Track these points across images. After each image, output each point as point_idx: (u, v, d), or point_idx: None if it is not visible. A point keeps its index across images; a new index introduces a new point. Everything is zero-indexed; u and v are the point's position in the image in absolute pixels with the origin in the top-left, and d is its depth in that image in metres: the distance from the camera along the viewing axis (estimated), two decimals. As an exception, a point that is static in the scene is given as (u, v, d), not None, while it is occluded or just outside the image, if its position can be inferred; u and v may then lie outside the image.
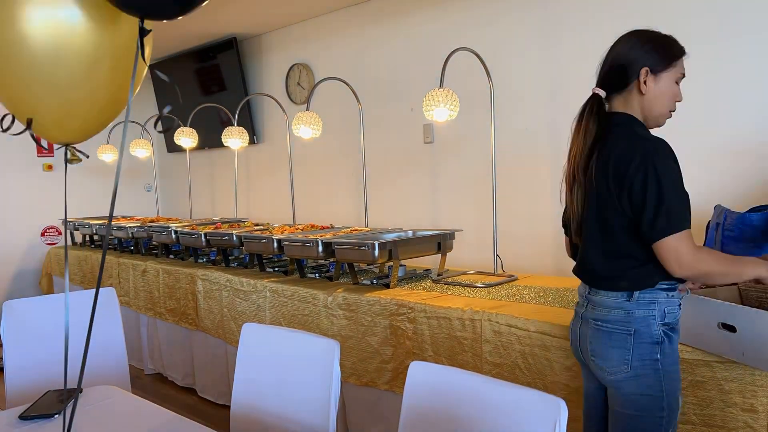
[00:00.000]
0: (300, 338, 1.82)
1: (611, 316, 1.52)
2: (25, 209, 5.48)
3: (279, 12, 4.53)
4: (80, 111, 1.37)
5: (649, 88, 1.56)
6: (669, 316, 1.50)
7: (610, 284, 1.53)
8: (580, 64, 3.23)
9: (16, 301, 2.31)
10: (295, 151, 4.42)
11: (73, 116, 1.38)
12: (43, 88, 1.31)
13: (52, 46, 1.27)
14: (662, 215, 1.43)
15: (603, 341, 1.53)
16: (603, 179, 1.52)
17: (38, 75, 1.29)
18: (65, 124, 1.39)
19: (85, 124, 1.41)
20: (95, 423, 1.69)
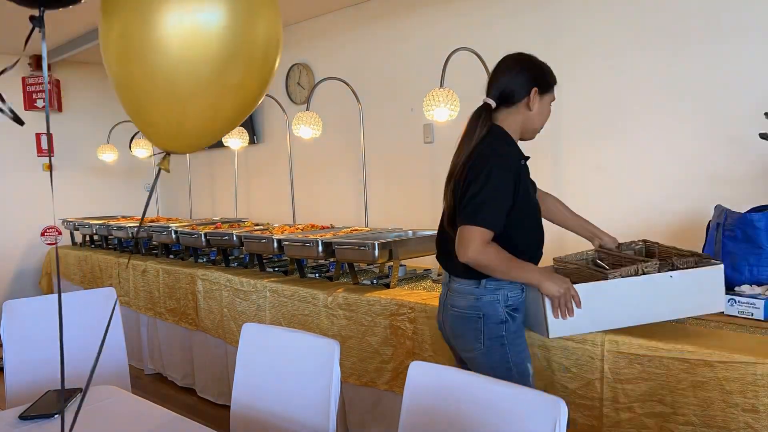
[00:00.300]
0: (300, 338, 1.82)
1: (464, 302, 1.78)
2: (25, 209, 5.47)
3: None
4: (199, 122, 1.30)
5: (535, 106, 1.80)
6: (512, 299, 1.76)
7: (466, 273, 1.76)
8: (579, 65, 3.23)
9: (16, 301, 2.31)
10: (295, 151, 4.42)
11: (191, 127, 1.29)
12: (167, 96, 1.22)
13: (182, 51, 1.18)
14: (472, 206, 1.68)
15: (459, 324, 1.80)
16: (461, 181, 1.75)
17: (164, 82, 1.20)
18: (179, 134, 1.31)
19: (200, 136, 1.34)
20: (95, 423, 1.69)
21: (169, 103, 1.24)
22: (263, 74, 1.32)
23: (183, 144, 1.35)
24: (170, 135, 1.31)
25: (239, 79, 1.26)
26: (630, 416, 1.78)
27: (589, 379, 1.87)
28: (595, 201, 3.24)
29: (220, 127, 1.36)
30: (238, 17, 1.21)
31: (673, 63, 2.90)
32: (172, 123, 1.28)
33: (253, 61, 1.27)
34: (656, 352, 1.73)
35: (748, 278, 1.99)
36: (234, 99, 1.30)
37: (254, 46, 1.26)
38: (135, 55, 1.20)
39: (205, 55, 1.19)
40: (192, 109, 1.26)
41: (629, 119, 3.07)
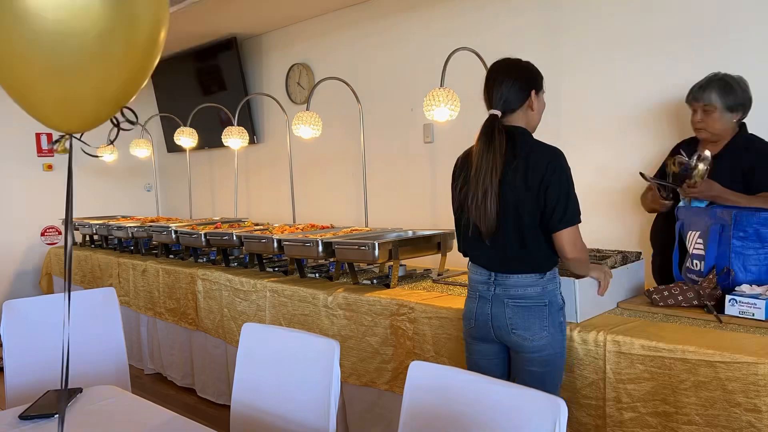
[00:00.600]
0: (300, 338, 1.82)
1: (531, 292, 1.84)
2: (25, 209, 5.47)
3: (279, 12, 4.53)
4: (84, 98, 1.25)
5: (536, 106, 1.92)
6: (560, 287, 1.91)
7: (526, 267, 1.85)
8: (579, 65, 3.23)
9: (16, 301, 2.31)
10: (295, 151, 4.42)
11: (76, 102, 1.25)
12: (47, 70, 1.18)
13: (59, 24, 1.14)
14: (567, 209, 1.78)
15: (524, 314, 1.84)
16: (522, 182, 1.81)
17: (42, 55, 1.16)
18: (67, 110, 1.26)
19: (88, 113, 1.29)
20: (95, 423, 1.69)
21: (52, 78, 1.20)
22: (149, 47, 1.29)
23: (75, 123, 1.30)
24: (59, 114, 1.27)
25: (123, 52, 1.23)
26: (633, 416, 1.78)
27: (592, 379, 1.87)
28: (595, 201, 3.24)
29: (110, 104, 1.31)
30: None
31: (673, 63, 2.90)
32: (58, 100, 1.24)
33: (135, 33, 1.24)
34: (658, 353, 1.73)
35: (755, 277, 1.99)
36: (121, 73, 1.26)
37: (136, 18, 1.23)
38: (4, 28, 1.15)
39: (83, 25, 1.16)
40: (77, 85, 1.22)
41: (629, 120, 3.07)
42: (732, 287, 1.98)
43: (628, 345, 1.79)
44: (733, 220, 2.01)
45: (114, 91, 1.29)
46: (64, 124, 1.29)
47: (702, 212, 2.17)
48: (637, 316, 2.03)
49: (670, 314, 1.99)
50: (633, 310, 2.09)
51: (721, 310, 1.93)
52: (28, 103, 1.27)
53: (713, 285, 2.00)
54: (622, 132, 3.12)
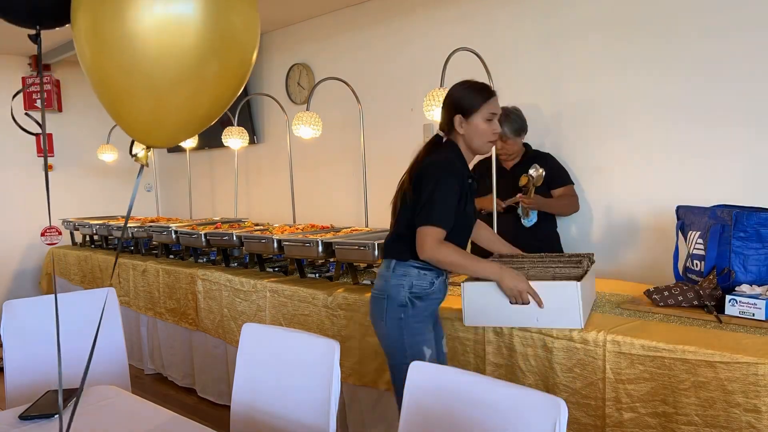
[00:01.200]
0: (300, 338, 1.82)
1: (378, 283, 2.04)
2: (25, 209, 5.47)
3: (279, 12, 4.52)
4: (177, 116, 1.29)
5: (464, 129, 2.03)
6: (416, 287, 1.98)
7: (386, 254, 2.05)
8: (579, 65, 3.23)
9: (16, 301, 2.31)
10: (295, 151, 4.42)
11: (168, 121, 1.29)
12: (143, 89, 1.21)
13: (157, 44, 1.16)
14: (428, 211, 1.91)
15: (372, 301, 2.05)
16: (414, 179, 2.01)
17: (139, 75, 1.19)
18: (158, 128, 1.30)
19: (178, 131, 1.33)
20: (95, 423, 1.69)
21: (146, 97, 1.23)
22: (240, 68, 1.32)
23: (162, 138, 1.34)
24: (149, 129, 1.31)
25: (216, 72, 1.26)
26: (633, 416, 1.78)
27: (591, 379, 1.87)
28: (596, 201, 3.24)
29: (198, 121, 1.35)
30: (212, 10, 1.20)
31: (673, 64, 2.90)
32: (150, 117, 1.27)
33: (229, 54, 1.27)
34: (658, 353, 1.73)
35: (755, 277, 1.99)
36: (211, 93, 1.29)
37: (230, 39, 1.26)
38: (107, 49, 1.19)
39: (180, 48, 1.18)
40: (169, 103, 1.25)
41: (630, 120, 3.07)
42: (732, 287, 1.98)
43: (628, 345, 1.79)
44: (733, 220, 2.01)
45: (203, 111, 1.33)
46: (151, 139, 1.33)
47: (702, 212, 2.18)
48: (637, 316, 2.02)
49: (670, 314, 1.99)
50: (633, 310, 2.08)
51: (721, 310, 1.93)
52: (122, 120, 1.31)
53: (713, 285, 2.00)
54: (622, 132, 3.12)
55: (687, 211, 2.27)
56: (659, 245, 2.95)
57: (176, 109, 1.28)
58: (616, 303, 2.19)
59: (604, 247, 3.21)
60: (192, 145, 4.63)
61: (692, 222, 2.21)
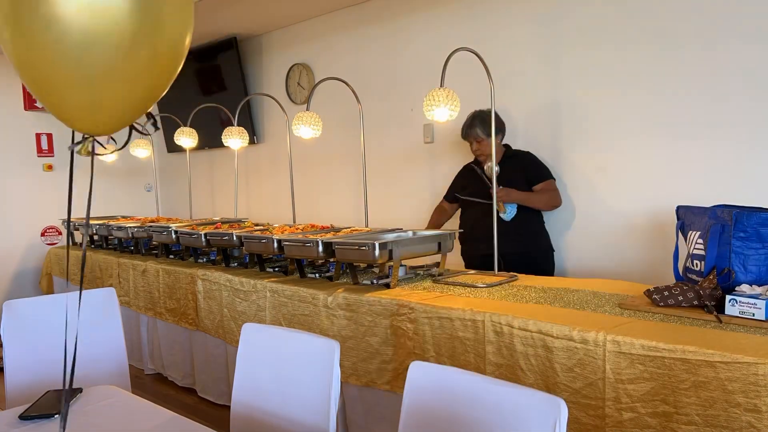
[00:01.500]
0: (300, 338, 1.82)
1: None
2: (25, 209, 5.47)
3: (279, 12, 4.53)
4: (111, 102, 1.26)
5: None
6: None
7: None
8: (579, 66, 3.23)
9: (16, 301, 2.31)
10: (295, 151, 4.42)
11: (103, 107, 1.26)
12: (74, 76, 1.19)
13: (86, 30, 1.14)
14: None
15: None
16: None
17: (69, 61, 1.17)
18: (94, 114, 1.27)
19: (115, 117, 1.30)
20: (95, 423, 1.69)
21: (77, 85, 1.21)
22: (174, 53, 1.31)
23: (101, 126, 1.31)
24: (85, 117, 1.29)
25: (148, 57, 1.24)
26: (633, 416, 1.78)
27: (591, 379, 1.87)
28: (596, 202, 3.24)
29: (135, 107, 1.33)
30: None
31: (674, 65, 2.90)
32: (85, 105, 1.25)
33: (161, 37, 1.25)
34: (658, 353, 1.73)
35: (755, 277, 1.99)
36: (146, 78, 1.28)
37: (160, 23, 1.24)
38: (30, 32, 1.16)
39: (109, 32, 1.17)
40: (103, 90, 1.23)
41: (630, 120, 3.07)
42: (732, 287, 1.98)
43: (628, 345, 1.79)
44: (733, 220, 2.01)
45: (139, 96, 1.30)
46: (89, 127, 1.30)
47: (702, 212, 2.18)
48: (637, 316, 2.02)
49: (670, 314, 1.99)
50: (633, 310, 2.08)
51: (721, 310, 1.93)
52: (55, 107, 1.28)
53: (713, 285, 2.00)
54: (623, 133, 3.12)
55: (687, 211, 2.27)
56: (659, 245, 2.95)
57: (112, 96, 1.26)
58: (616, 303, 2.19)
59: (604, 247, 3.21)
60: (192, 145, 4.63)
61: (692, 222, 2.21)
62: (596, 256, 3.25)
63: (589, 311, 2.11)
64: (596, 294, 2.36)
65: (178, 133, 4.59)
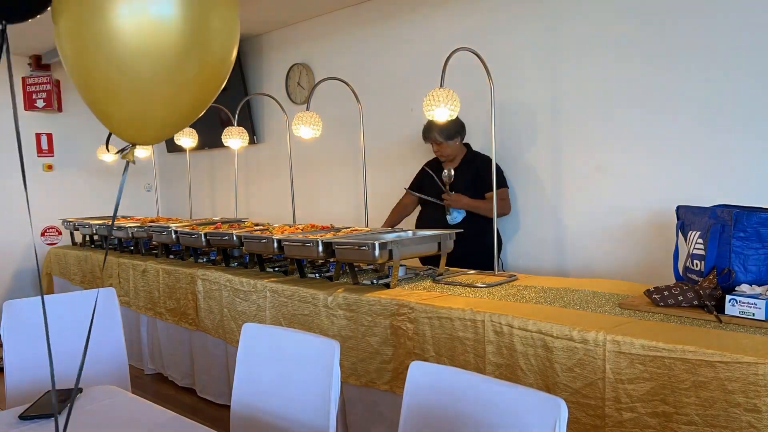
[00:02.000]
0: (300, 338, 1.82)
1: None
2: (25, 209, 5.47)
3: (279, 12, 4.53)
4: (157, 114, 1.33)
5: None
6: None
7: None
8: (578, 65, 3.23)
9: (16, 301, 2.31)
10: (295, 151, 4.42)
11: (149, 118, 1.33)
12: (125, 86, 1.26)
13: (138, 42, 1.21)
14: None
15: None
16: None
17: (121, 72, 1.23)
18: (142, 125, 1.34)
19: (159, 128, 1.37)
20: (95, 423, 1.69)
21: (128, 95, 1.27)
22: (220, 66, 1.36)
23: (146, 135, 1.37)
24: (133, 127, 1.34)
25: (196, 71, 1.30)
26: (632, 416, 1.78)
27: (591, 379, 1.87)
28: (596, 202, 3.24)
29: (181, 119, 1.38)
30: (191, 10, 1.25)
31: (673, 64, 2.90)
32: (134, 115, 1.31)
33: (209, 53, 1.31)
34: (658, 353, 1.73)
35: (755, 277, 1.98)
36: (192, 90, 1.33)
37: (209, 39, 1.30)
38: (88, 48, 1.23)
39: (160, 47, 1.22)
40: (152, 102, 1.29)
41: (629, 120, 3.07)
42: (732, 287, 1.98)
43: (627, 345, 1.79)
44: (733, 220, 2.01)
45: (184, 109, 1.36)
46: (135, 136, 1.36)
47: (702, 212, 2.18)
48: (637, 316, 2.02)
49: (670, 314, 1.99)
50: (633, 310, 2.08)
51: (721, 310, 1.93)
52: (106, 117, 1.34)
53: (713, 285, 2.00)
54: (622, 132, 3.12)
55: (687, 211, 2.27)
56: (659, 245, 2.95)
57: (159, 107, 1.31)
58: (616, 303, 2.19)
59: (604, 247, 3.21)
60: (192, 145, 4.63)
61: (692, 222, 2.21)
62: (596, 256, 3.25)
63: (589, 311, 2.11)
64: (596, 294, 2.36)
65: (178, 133, 4.59)
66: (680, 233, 2.30)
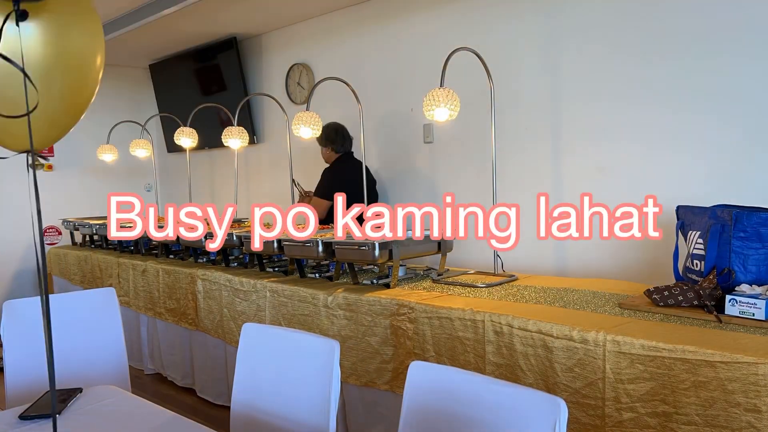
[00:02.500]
0: (300, 338, 1.82)
1: None
2: (25, 209, 5.47)
3: (279, 12, 4.52)
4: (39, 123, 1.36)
5: None
6: None
7: None
8: (578, 65, 3.23)
9: (16, 301, 2.31)
10: (295, 151, 4.41)
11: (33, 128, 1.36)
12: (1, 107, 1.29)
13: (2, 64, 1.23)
14: None
15: None
16: None
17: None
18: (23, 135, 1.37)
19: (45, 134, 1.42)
20: (95, 423, 1.69)
21: None
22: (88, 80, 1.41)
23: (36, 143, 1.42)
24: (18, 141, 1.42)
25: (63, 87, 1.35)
26: (632, 416, 1.78)
27: (591, 379, 1.87)
28: (597, 201, 3.24)
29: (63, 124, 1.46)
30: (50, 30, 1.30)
31: (673, 63, 2.90)
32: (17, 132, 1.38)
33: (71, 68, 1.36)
34: (658, 353, 1.73)
35: (755, 277, 1.98)
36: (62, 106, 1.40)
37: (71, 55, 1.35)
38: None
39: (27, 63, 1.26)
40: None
41: (631, 120, 3.07)
42: (732, 287, 1.98)
43: (628, 345, 1.79)
44: (733, 220, 2.01)
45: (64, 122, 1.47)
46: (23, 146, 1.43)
47: (702, 212, 2.18)
48: (637, 316, 2.02)
49: (670, 314, 1.99)
50: (633, 310, 2.09)
51: (721, 310, 1.93)
52: None
53: (713, 285, 2.00)
54: (622, 132, 3.12)
55: (687, 211, 2.27)
56: (659, 245, 2.95)
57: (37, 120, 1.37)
58: (616, 303, 2.19)
59: (604, 247, 3.21)
60: (192, 145, 4.62)
61: (692, 222, 2.21)
62: (596, 256, 3.25)
63: (589, 311, 2.11)
64: (596, 294, 2.36)
65: (178, 133, 4.59)
66: (680, 233, 2.30)
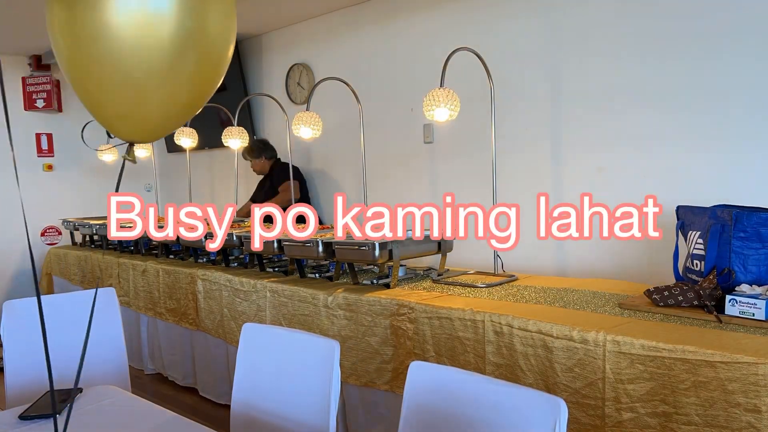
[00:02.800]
0: (300, 338, 1.82)
1: None
2: (25, 209, 5.47)
3: (279, 12, 4.53)
4: (156, 110, 1.29)
5: None
6: None
7: None
8: (578, 65, 3.23)
9: (16, 301, 2.31)
10: (295, 151, 4.42)
11: (150, 115, 1.30)
12: (120, 83, 1.22)
13: (134, 38, 1.17)
14: None
15: None
16: None
17: (116, 69, 1.20)
18: (139, 122, 1.31)
19: (161, 124, 1.34)
20: (95, 423, 1.69)
21: (122, 92, 1.24)
22: (217, 63, 1.33)
23: (142, 133, 1.35)
24: (129, 125, 1.32)
25: (192, 67, 1.27)
26: (632, 416, 1.78)
27: (591, 379, 1.87)
28: (596, 201, 3.24)
29: (178, 117, 1.36)
30: (187, 4, 1.22)
31: (673, 63, 2.90)
32: (129, 112, 1.28)
33: (205, 50, 1.28)
34: (658, 353, 1.73)
35: (755, 277, 1.98)
36: (188, 87, 1.30)
37: (206, 35, 1.27)
38: (83, 42, 1.20)
39: (156, 42, 1.19)
40: (147, 98, 1.26)
41: (631, 120, 3.07)
42: (732, 287, 1.98)
43: (628, 345, 1.79)
44: (733, 220, 2.01)
45: (181, 106, 1.33)
46: (132, 134, 1.33)
47: (702, 212, 2.18)
48: (637, 316, 2.02)
49: (670, 314, 1.99)
50: (633, 310, 2.09)
51: (721, 310, 1.93)
52: (101, 115, 1.31)
53: (713, 285, 2.00)
54: (622, 132, 3.12)
55: (687, 211, 2.27)
56: (659, 245, 2.95)
57: (155, 104, 1.28)
58: (616, 303, 2.19)
59: (604, 247, 3.21)
60: (192, 145, 4.62)
61: (692, 222, 2.21)
62: (596, 256, 3.26)
63: (589, 311, 2.11)
64: (596, 294, 2.36)
65: (178, 133, 4.59)
66: (680, 233, 2.30)
